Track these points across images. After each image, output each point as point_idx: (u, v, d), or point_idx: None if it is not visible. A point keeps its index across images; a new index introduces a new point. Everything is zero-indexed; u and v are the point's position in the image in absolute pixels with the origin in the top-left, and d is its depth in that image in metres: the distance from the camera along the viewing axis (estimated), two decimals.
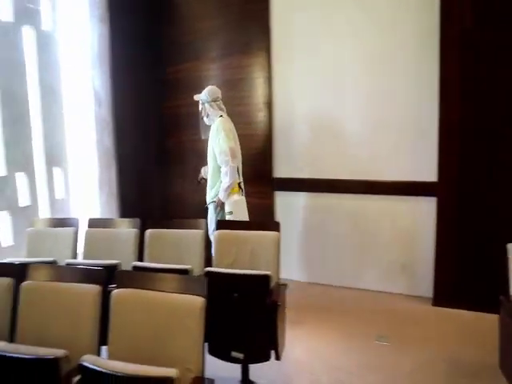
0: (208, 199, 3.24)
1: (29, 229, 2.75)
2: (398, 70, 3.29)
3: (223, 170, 3.05)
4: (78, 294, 1.68)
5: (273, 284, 2.11)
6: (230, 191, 3.05)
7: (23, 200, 3.45)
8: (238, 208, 3.05)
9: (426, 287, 3.29)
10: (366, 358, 2.54)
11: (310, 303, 3.38)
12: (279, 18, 3.71)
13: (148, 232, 2.50)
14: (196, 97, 3.30)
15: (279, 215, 3.80)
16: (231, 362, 2.10)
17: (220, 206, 3.10)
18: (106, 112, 3.93)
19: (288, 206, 3.79)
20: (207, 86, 4.26)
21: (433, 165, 3.14)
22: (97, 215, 3.88)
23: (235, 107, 3.94)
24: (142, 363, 1.39)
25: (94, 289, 1.67)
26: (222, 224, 2.51)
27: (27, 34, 3.52)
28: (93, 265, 2.12)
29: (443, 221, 3.15)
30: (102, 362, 1.39)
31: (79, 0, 3.84)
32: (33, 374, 1.46)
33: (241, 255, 2.33)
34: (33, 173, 3.55)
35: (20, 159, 3.44)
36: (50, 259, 2.29)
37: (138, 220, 2.57)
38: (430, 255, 3.24)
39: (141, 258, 2.46)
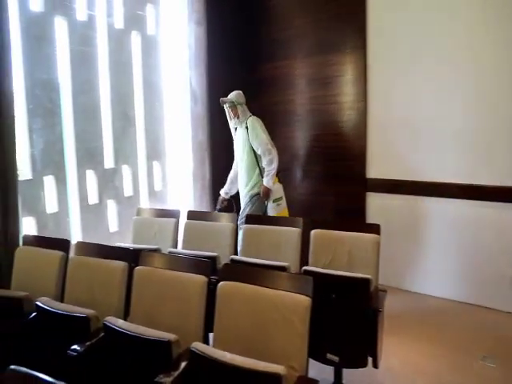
0: (244, 193, 3.44)
1: (135, 217, 2.96)
2: (505, 69, 2.97)
3: (267, 158, 3.32)
4: (186, 282, 1.76)
5: (372, 289, 2.03)
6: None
7: (128, 190, 3.75)
8: (283, 194, 3.43)
9: None
10: (470, 378, 2.34)
11: (402, 311, 3.20)
12: (377, 18, 3.56)
13: (245, 227, 2.55)
14: (227, 99, 3.47)
15: (371, 217, 3.65)
16: (325, 363, 2.06)
17: (266, 194, 3.33)
18: (201, 109, 4.10)
19: (381, 208, 3.62)
20: (298, 84, 4.33)
21: None
22: (190, 208, 4.07)
23: (324, 105, 3.89)
24: (244, 355, 1.41)
25: (200, 279, 1.74)
26: (317, 223, 2.47)
27: (135, 38, 3.82)
28: (194, 255, 2.22)
29: None
30: (210, 350, 1.44)
31: (179, 6, 4.07)
32: (148, 354, 1.57)
33: (338, 256, 2.28)
34: (136, 166, 3.84)
35: (125, 153, 3.74)
36: (155, 247, 2.44)
37: (234, 215, 2.64)
38: None
39: (236, 253, 2.52)
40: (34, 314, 1.92)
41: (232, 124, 3.52)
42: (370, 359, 2.01)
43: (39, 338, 1.83)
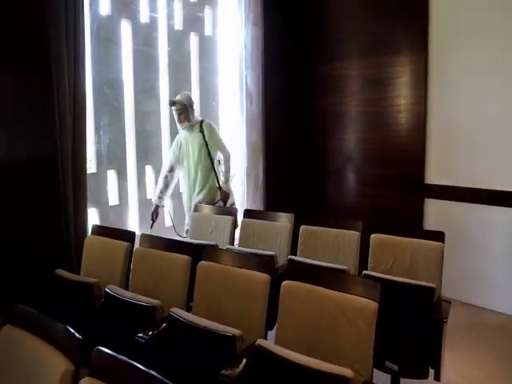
0: (199, 199, 3.24)
1: (193, 213, 3.04)
2: None
3: (228, 163, 3.27)
4: (249, 279, 1.79)
5: (435, 298, 1.96)
6: None
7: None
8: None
9: None
10: None
11: (462, 325, 3.06)
12: (441, 18, 3.42)
13: (302, 228, 2.55)
14: (178, 100, 3.23)
15: (429, 224, 3.52)
16: (383, 371, 2.01)
17: (226, 199, 3.25)
18: (257, 109, 4.14)
19: (441, 215, 3.47)
20: (353, 85, 4.26)
21: None
22: (243, 206, 4.12)
23: (379, 108, 3.81)
24: (307, 355, 1.41)
25: (264, 277, 1.76)
26: (376, 227, 2.41)
27: (193, 39, 3.93)
28: (252, 253, 2.25)
29: None
30: (276, 348, 1.46)
31: (235, 6, 4.14)
32: (212, 347, 1.61)
33: (398, 262, 2.22)
34: None
35: None
36: (212, 243, 2.49)
37: (292, 215, 2.65)
38: None
39: (293, 253, 2.52)
40: (102, 299, 2.03)
41: (181, 127, 3.29)
42: (430, 371, 1.94)
43: (107, 322, 1.93)
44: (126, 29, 3.47)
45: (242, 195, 4.22)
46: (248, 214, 2.86)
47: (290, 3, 4.24)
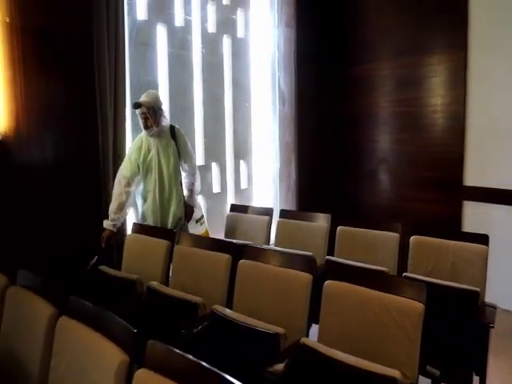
0: (175, 218, 2.76)
1: (229, 213, 3.08)
2: None
3: (196, 174, 2.90)
4: (291, 278, 1.80)
5: (479, 303, 1.92)
6: None
7: (216, 187, 3.92)
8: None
9: None
10: None
11: (503, 331, 2.95)
12: (480, 16, 3.33)
13: (339, 229, 2.54)
14: (145, 101, 2.69)
15: (468, 227, 3.43)
16: (424, 375, 1.98)
17: (191, 214, 2.85)
18: (289, 110, 4.15)
19: (481, 218, 3.37)
20: (386, 85, 4.21)
21: None
22: (275, 207, 4.14)
23: (412, 108, 3.75)
24: (352, 355, 1.41)
25: (306, 276, 1.77)
26: (416, 229, 2.37)
27: (226, 41, 3.98)
28: (289, 253, 2.25)
29: None
30: (322, 347, 1.46)
31: (267, 8, 4.16)
32: (255, 344, 1.63)
33: (439, 265, 2.18)
34: (223, 164, 4.00)
35: (215, 151, 3.91)
36: (249, 242, 2.51)
37: (329, 215, 2.64)
38: None
39: (330, 254, 2.51)
40: (144, 296, 2.09)
41: (148, 134, 2.74)
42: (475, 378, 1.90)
43: (150, 318, 1.98)
44: (161, 32, 3.55)
45: (274, 195, 4.23)
46: (284, 214, 2.87)
47: (322, 4, 4.23)
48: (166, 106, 3.56)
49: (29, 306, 1.65)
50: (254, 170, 4.29)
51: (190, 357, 1.09)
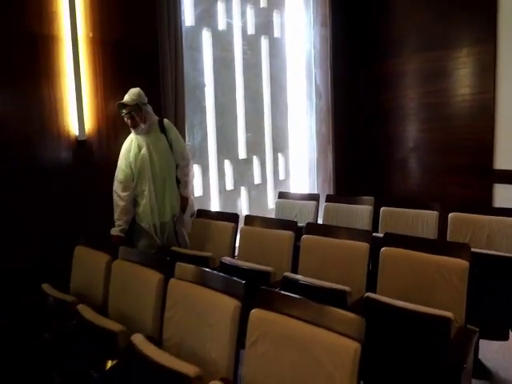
0: (172, 212, 2.79)
1: (277, 200, 3.41)
2: None
3: (190, 165, 2.88)
4: (350, 248, 2.13)
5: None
6: None
7: (256, 179, 4.26)
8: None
9: None
10: None
11: None
12: (510, 9, 3.53)
13: (383, 209, 2.85)
14: (129, 100, 2.63)
15: None
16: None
17: (186, 205, 2.85)
18: (325, 104, 4.45)
19: (511, 199, 3.60)
20: (415, 77, 4.44)
21: None
22: None
23: (441, 99, 3.95)
24: None
25: (364, 246, 2.09)
26: (453, 206, 2.64)
27: (263, 42, 4.29)
28: (346, 228, 2.53)
29: None
30: (384, 298, 1.77)
31: (302, 9, 4.46)
32: (325, 301, 1.95)
33: (476, 238, 2.45)
34: (263, 157, 4.33)
35: (255, 145, 4.24)
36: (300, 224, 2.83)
37: (372, 198, 2.94)
38: None
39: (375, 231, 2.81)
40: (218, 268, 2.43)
41: (136, 132, 2.70)
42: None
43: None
44: (206, 37, 3.89)
45: (311, 185, 4.55)
46: (329, 198, 3.19)
47: (355, 4, 4.49)
48: (211, 105, 3.91)
49: (135, 275, 1.99)
50: (291, 162, 4.61)
51: (293, 295, 1.43)
